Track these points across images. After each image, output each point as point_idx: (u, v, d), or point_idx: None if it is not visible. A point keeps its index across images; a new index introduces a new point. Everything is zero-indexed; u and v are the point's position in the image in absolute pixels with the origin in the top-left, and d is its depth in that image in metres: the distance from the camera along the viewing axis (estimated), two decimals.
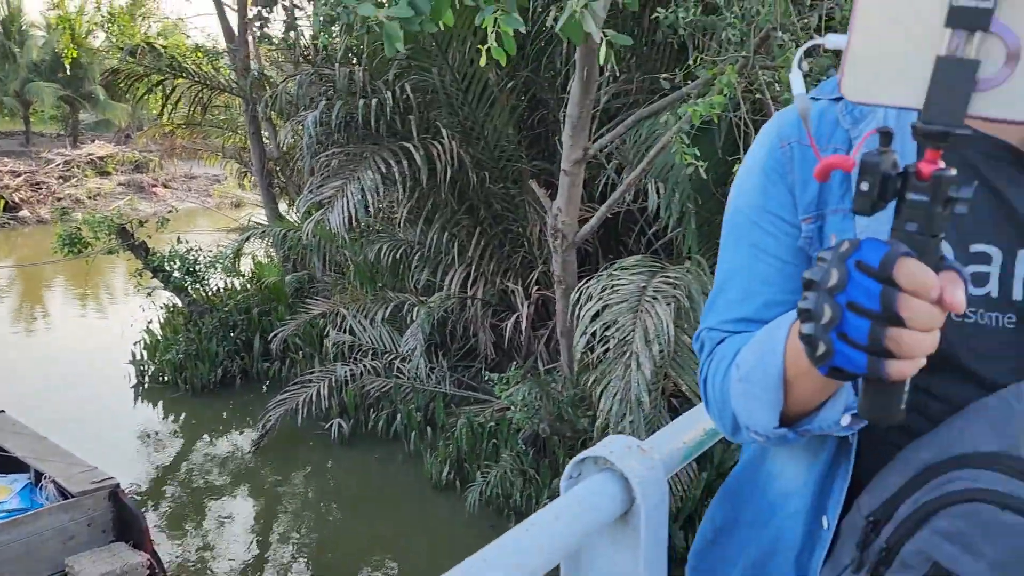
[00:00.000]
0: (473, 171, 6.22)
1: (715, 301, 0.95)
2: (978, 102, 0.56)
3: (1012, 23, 0.55)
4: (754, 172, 0.92)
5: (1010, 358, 0.80)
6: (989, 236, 0.81)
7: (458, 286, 6.66)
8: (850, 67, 0.60)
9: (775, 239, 0.89)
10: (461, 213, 6.63)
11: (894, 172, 0.59)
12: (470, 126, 6.29)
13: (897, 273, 0.57)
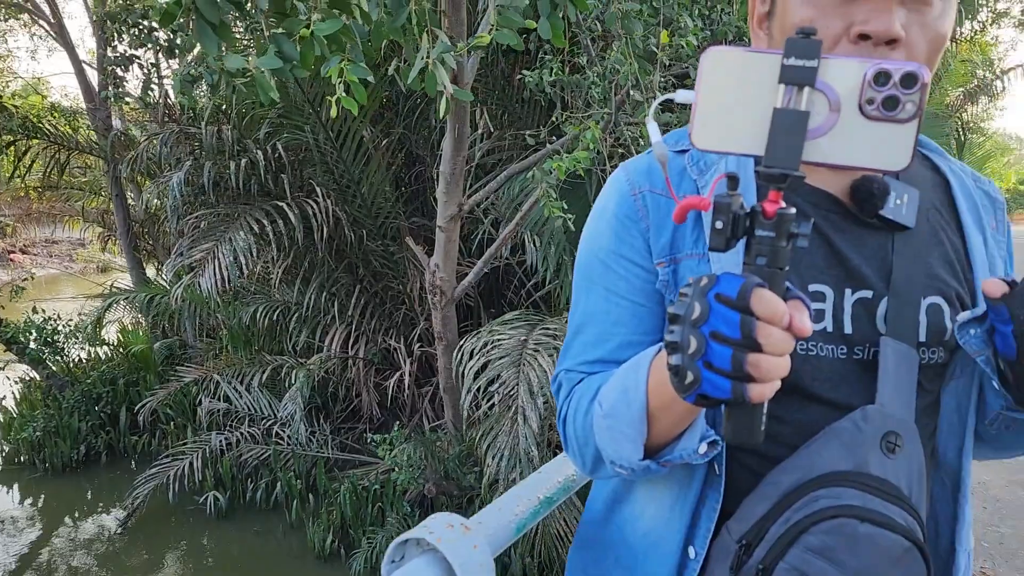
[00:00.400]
0: (351, 229, 6.14)
1: (571, 344, 0.98)
2: (809, 149, 0.64)
3: (832, 81, 0.64)
4: (606, 218, 0.96)
5: (848, 384, 0.89)
6: (823, 277, 0.90)
7: (339, 346, 6.50)
8: (699, 120, 0.66)
9: (627, 282, 0.93)
10: (340, 272, 6.51)
11: (743, 212, 0.65)
12: (346, 184, 6.23)
13: (753, 303, 0.63)
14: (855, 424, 0.85)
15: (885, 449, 0.85)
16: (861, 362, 0.88)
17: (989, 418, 0.96)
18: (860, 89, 0.63)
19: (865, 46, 0.81)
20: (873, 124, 0.63)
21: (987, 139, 23.09)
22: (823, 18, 0.83)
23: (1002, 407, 0.93)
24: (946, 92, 12.85)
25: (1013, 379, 0.87)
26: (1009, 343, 0.84)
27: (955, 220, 0.98)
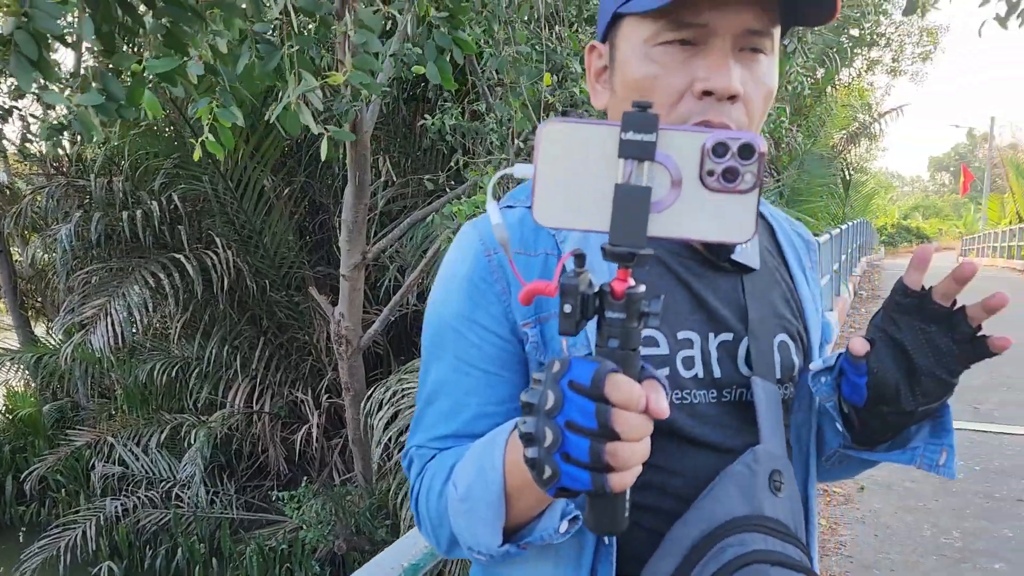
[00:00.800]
0: (253, 280, 5.98)
1: (422, 416, 0.93)
2: (655, 224, 0.63)
3: (672, 153, 0.63)
4: (457, 282, 0.91)
5: (724, 427, 0.89)
6: (689, 323, 0.91)
7: (243, 401, 6.28)
8: (539, 195, 0.64)
9: (480, 350, 0.89)
10: (243, 324, 6.32)
11: (591, 291, 0.63)
12: (248, 234, 6.08)
13: (608, 390, 0.60)
14: (747, 466, 0.86)
15: (773, 489, 0.87)
16: (730, 404, 0.90)
17: (826, 455, 1.02)
18: (700, 161, 0.63)
19: (708, 101, 0.84)
20: (715, 196, 0.63)
21: (871, 178, 24.46)
22: (666, 75, 0.84)
23: (840, 445, 0.97)
24: (831, 135, 13.57)
25: (858, 423, 0.91)
26: (860, 392, 0.87)
27: (782, 260, 1.03)
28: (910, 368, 0.86)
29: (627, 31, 0.88)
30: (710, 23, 0.83)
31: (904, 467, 3.96)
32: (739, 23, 0.84)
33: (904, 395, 0.86)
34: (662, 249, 0.91)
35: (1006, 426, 5.63)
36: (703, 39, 0.84)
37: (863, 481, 4.52)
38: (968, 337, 0.84)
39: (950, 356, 0.85)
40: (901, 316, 0.86)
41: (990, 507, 4.22)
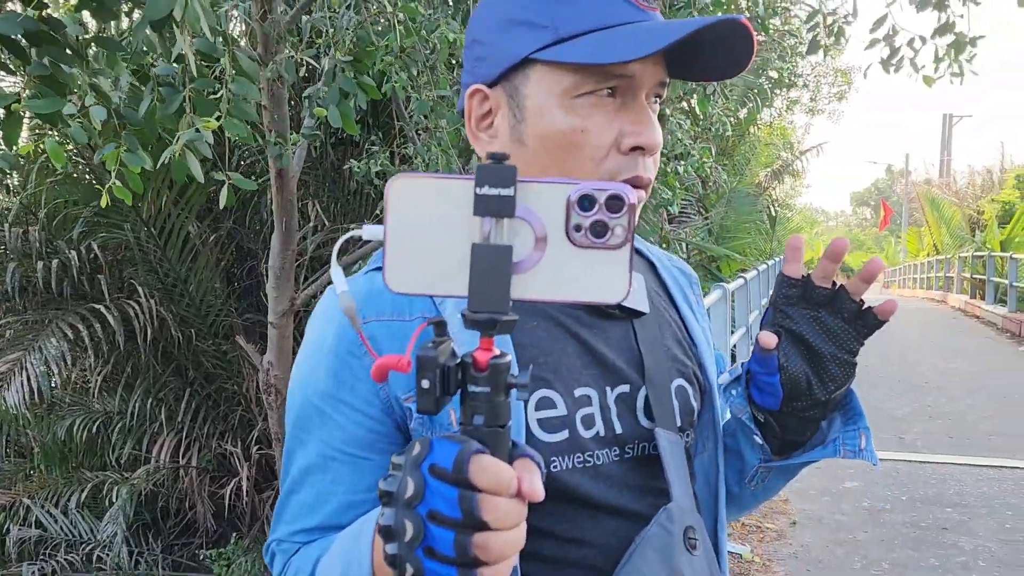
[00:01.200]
0: (178, 329, 5.81)
1: (285, 506, 0.85)
2: (519, 285, 0.58)
3: (535, 208, 0.58)
4: (322, 355, 0.84)
5: (631, 487, 0.86)
6: (585, 379, 0.86)
7: (168, 455, 6.05)
8: (391, 258, 0.58)
9: (346, 432, 0.82)
10: (168, 375, 6.12)
11: (453, 363, 0.57)
12: (172, 282, 5.92)
13: (472, 473, 0.54)
14: (663, 528, 0.83)
15: (688, 547, 0.84)
16: (634, 460, 0.87)
17: (748, 475, 1.00)
18: (565, 215, 0.58)
19: (634, 156, 0.82)
20: (584, 252, 0.58)
21: (797, 214, 25.23)
22: (594, 129, 0.81)
23: (760, 461, 0.97)
24: (756, 173, 13.99)
25: (778, 428, 0.92)
26: (775, 391, 0.88)
27: (669, 298, 1.01)
28: (813, 356, 0.88)
29: (540, 78, 0.83)
30: (636, 74, 0.82)
31: (834, 499, 4.02)
32: (657, 74, 0.84)
33: (815, 385, 0.88)
34: (549, 303, 0.86)
35: (930, 455, 5.79)
36: (625, 92, 0.83)
37: (795, 516, 4.57)
38: (856, 313, 0.87)
39: (845, 336, 0.87)
40: (791, 308, 0.89)
41: (917, 536, 4.31)
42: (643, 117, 0.82)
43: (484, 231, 0.56)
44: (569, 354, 0.86)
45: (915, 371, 8.96)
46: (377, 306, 0.83)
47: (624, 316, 0.91)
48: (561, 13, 0.81)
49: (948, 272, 18.66)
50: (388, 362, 0.59)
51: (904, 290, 25.50)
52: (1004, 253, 13.67)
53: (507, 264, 0.56)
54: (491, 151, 0.59)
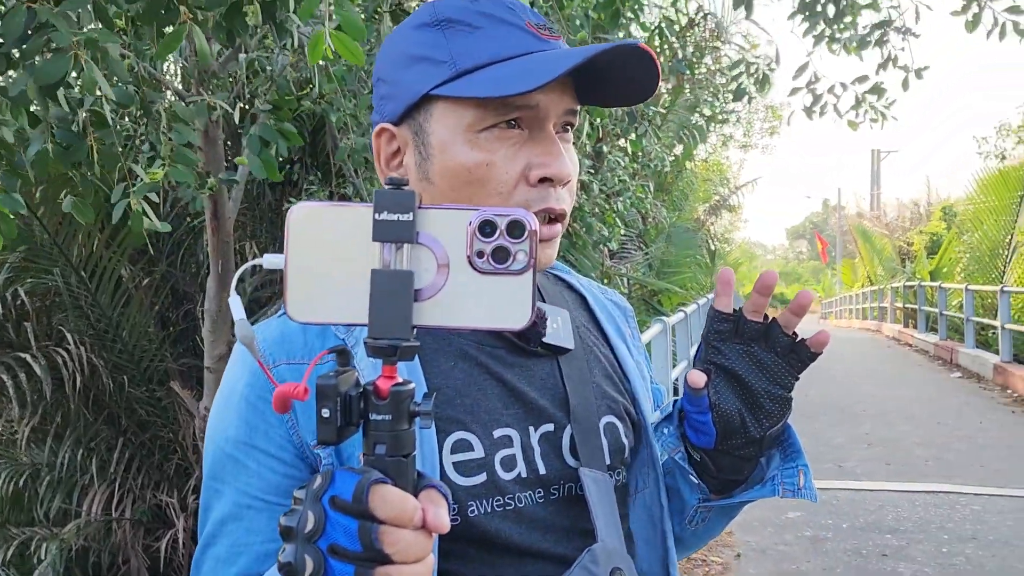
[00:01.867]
0: (109, 376, 5.62)
1: (201, 563, 0.82)
2: (421, 313, 0.58)
3: (436, 234, 0.58)
4: (234, 402, 0.82)
5: (556, 529, 0.84)
6: (505, 419, 0.84)
7: (100, 508, 5.82)
8: (292, 288, 0.58)
9: (262, 479, 0.79)
10: (99, 424, 5.91)
11: (356, 392, 0.57)
12: (103, 328, 5.75)
13: (373, 504, 0.53)
14: (586, 570, 0.81)
15: None
16: (559, 501, 0.85)
17: (688, 516, 0.97)
18: (467, 241, 0.58)
19: (544, 187, 0.81)
20: (486, 279, 0.58)
21: (736, 248, 25.79)
22: (501, 163, 0.80)
23: (699, 501, 0.94)
24: (694, 208, 14.29)
25: (714, 467, 0.89)
26: (708, 430, 0.86)
27: (601, 333, 1.00)
28: (747, 393, 0.85)
29: (443, 115, 0.82)
30: (540, 104, 0.80)
31: (777, 530, 4.05)
32: (563, 103, 0.82)
33: (749, 422, 0.86)
34: (466, 340, 0.86)
35: (868, 482, 5.91)
36: (531, 123, 0.81)
37: (739, 548, 4.60)
38: (789, 346, 0.85)
39: (779, 370, 0.85)
40: (723, 343, 0.86)
41: (858, 564, 4.37)
42: (550, 148, 0.81)
43: (384, 257, 0.56)
44: (488, 395, 0.84)
45: (852, 400, 9.16)
46: (288, 349, 0.82)
47: (549, 354, 0.89)
48: (459, 47, 0.81)
49: (882, 302, 19.22)
50: (286, 390, 0.58)
51: (841, 321, 26.17)
52: (933, 283, 14.15)
53: (408, 289, 0.56)
54: (391, 176, 0.58)
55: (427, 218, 0.58)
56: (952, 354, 12.07)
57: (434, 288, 0.58)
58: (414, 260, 0.57)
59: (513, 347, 0.88)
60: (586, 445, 0.86)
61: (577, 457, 0.86)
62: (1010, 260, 12.90)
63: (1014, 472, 6.03)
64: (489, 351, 0.87)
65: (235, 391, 0.82)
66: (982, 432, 7.36)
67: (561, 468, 0.86)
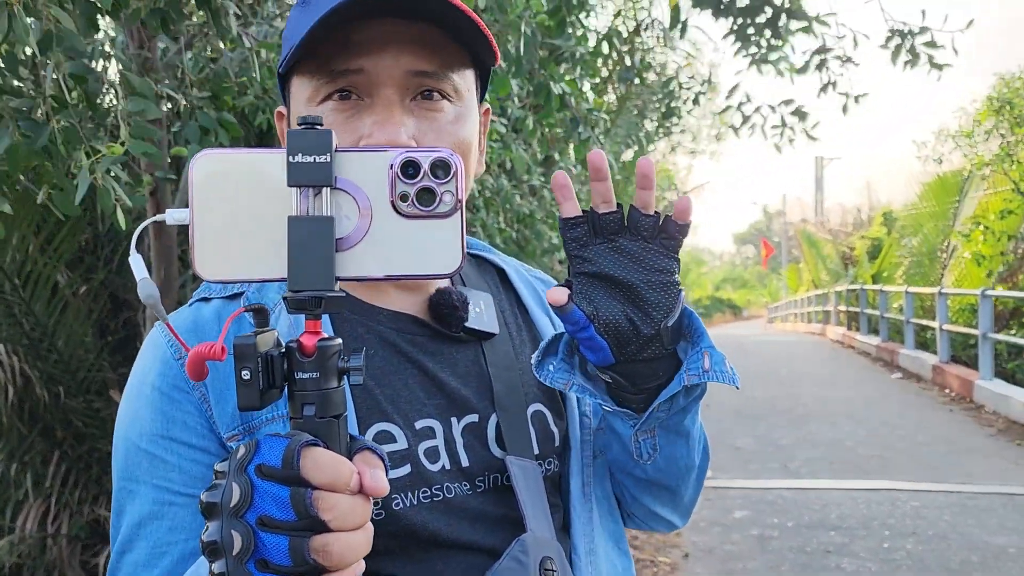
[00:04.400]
0: (44, 387, 5.44)
1: (117, 570, 0.78)
2: (344, 264, 0.54)
3: (355, 178, 0.54)
4: (146, 393, 0.78)
5: (484, 521, 0.81)
6: (427, 410, 0.82)
7: (35, 524, 5.62)
8: (200, 244, 0.54)
9: (182, 472, 0.75)
10: (33, 437, 5.71)
11: (278, 352, 0.53)
12: (38, 337, 5.56)
13: (305, 468, 0.50)
14: (516, 560, 0.79)
15: None
16: (487, 492, 0.83)
17: (636, 453, 0.86)
18: (390, 184, 0.54)
19: None
20: (412, 223, 0.55)
21: (684, 253, 26.14)
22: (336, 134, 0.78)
23: (634, 427, 0.83)
24: None
25: (628, 382, 0.79)
26: (599, 345, 0.77)
27: (526, 313, 0.96)
28: (626, 291, 0.76)
29: (295, 91, 0.81)
30: (366, 68, 0.76)
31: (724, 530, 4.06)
32: (399, 66, 0.76)
33: (638, 320, 0.77)
34: (386, 326, 0.83)
35: (812, 480, 6.01)
36: (367, 90, 0.77)
37: (687, 548, 4.63)
38: (654, 227, 0.77)
39: (651, 255, 0.77)
40: (584, 249, 0.78)
41: (803, 561, 4.44)
42: (381, 116, 0.76)
43: (300, 204, 0.52)
44: (410, 384, 0.82)
45: (798, 401, 9.32)
46: (201, 337, 0.79)
47: (472, 339, 0.87)
48: (296, 22, 0.78)
49: (826, 306, 19.64)
50: (201, 351, 0.53)
51: (786, 324, 26.68)
52: (875, 286, 14.51)
53: (329, 236, 0.52)
54: (302, 115, 0.54)
55: (344, 161, 0.54)
56: (893, 355, 12.39)
57: (356, 236, 0.54)
58: (334, 207, 0.54)
59: (435, 333, 0.86)
60: (513, 434, 0.84)
61: (504, 447, 0.84)
62: (946, 263, 13.30)
63: (951, 468, 6.19)
64: (410, 337, 0.84)
65: (146, 382, 0.79)
66: (921, 430, 7.55)
67: (487, 459, 0.84)
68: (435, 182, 0.55)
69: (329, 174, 0.52)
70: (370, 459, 0.54)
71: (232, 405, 0.76)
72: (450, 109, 0.80)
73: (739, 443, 7.22)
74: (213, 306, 0.82)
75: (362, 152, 0.55)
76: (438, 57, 0.78)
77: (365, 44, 0.75)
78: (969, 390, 8.93)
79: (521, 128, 4.35)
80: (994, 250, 11.04)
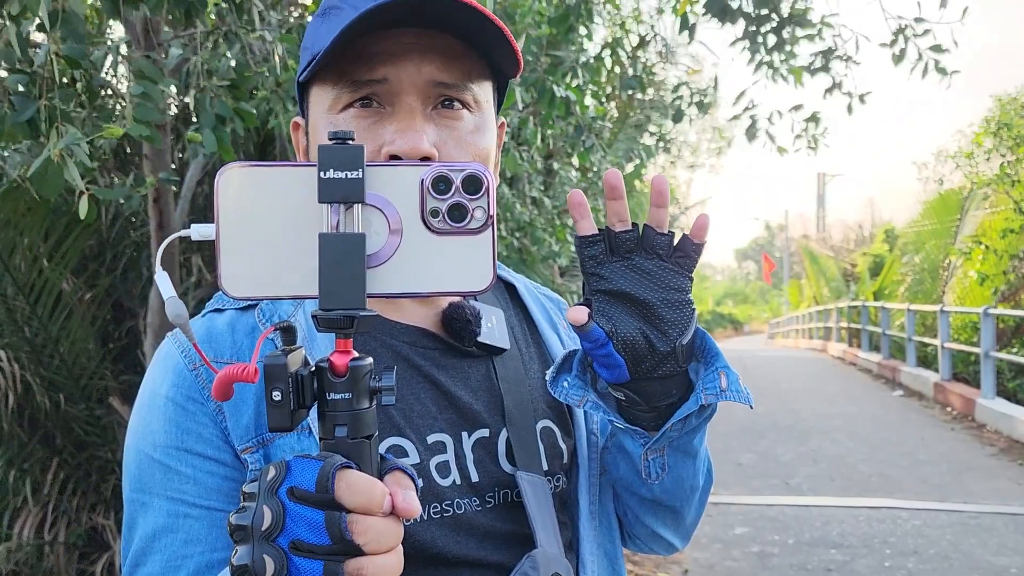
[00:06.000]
0: (45, 394, 5.44)
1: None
2: (375, 280, 0.53)
3: (386, 194, 0.54)
4: (158, 406, 0.77)
5: (493, 538, 0.81)
6: (439, 425, 0.81)
7: (33, 531, 5.61)
8: (226, 259, 0.53)
9: (197, 484, 0.74)
10: (33, 444, 5.70)
11: (307, 371, 0.52)
12: (41, 343, 5.56)
13: (339, 492, 0.49)
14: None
15: None
16: (497, 508, 0.82)
17: (645, 472, 0.87)
18: (420, 200, 0.54)
19: None
20: (443, 239, 0.54)
21: None
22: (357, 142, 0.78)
23: (644, 446, 0.83)
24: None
25: (641, 399, 0.80)
26: (617, 362, 0.77)
27: (536, 331, 0.96)
28: (643, 308, 0.77)
29: (314, 100, 0.81)
30: (388, 78, 0.76)
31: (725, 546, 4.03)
32: (422, 75, 0.76)
33: (654, 338, 0.77)
34: (399, 340, 0.82)
35: (814, 497, 5.98)
36: (389, 99, 0.77)
37: (687, 565, 4.61)
38: (669, 246, 0.77)
39: (666, 274, 0.77)
40: (600, 267, 0.78)
41: None
42: (403, 124, 0.76)
43: (331, 220, 0.52)
44: (422, 398, 0.82)
45: (799, 418, 9.30)
46: (215, 349, 0.78)
47: (483, 354, 0.87)
48: (317, 32, 0.79)
49: (827, 322, 19.61)
50: (231, 372, 0.52)
51: (788, 340, 26.63)
52: (877, 303, 14.50)
53: (361, 254, 0.51)
54: (333, 131, 0.53)
55: (374, 176, 0.53)
56: (895, 373, 12.35)
57: (387, 253, 0.54)
58: (364, 223, 0.53)
59: (447, 348, 0.86)
60: (523, 449, 0.84)
61: (514, 462, 0.83)
62: (948, 281, 13.29)
63: (953, 487, 6.16)
64: (423, 351, 0.84)
65: (158, 394, 0.78)
66: (923, 448, 7.52)
67: (497, 475, 0.83)
68: (466, 198, 0.54)
69: (361, 190, 0.52)
70: (401, 480, 0.53)
71: (247, 417, 0.76)
72: (470, 119, 0.80)
73: (741, 459, 7.19)
74: (226, 317, 0.81)
75: (393, 167, 0.55)
76: (459, 68, 0.78)
77: (388, 54, 0.76)
78: (971, 408, 8.90)
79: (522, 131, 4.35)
80: (996, 269, 11.04)
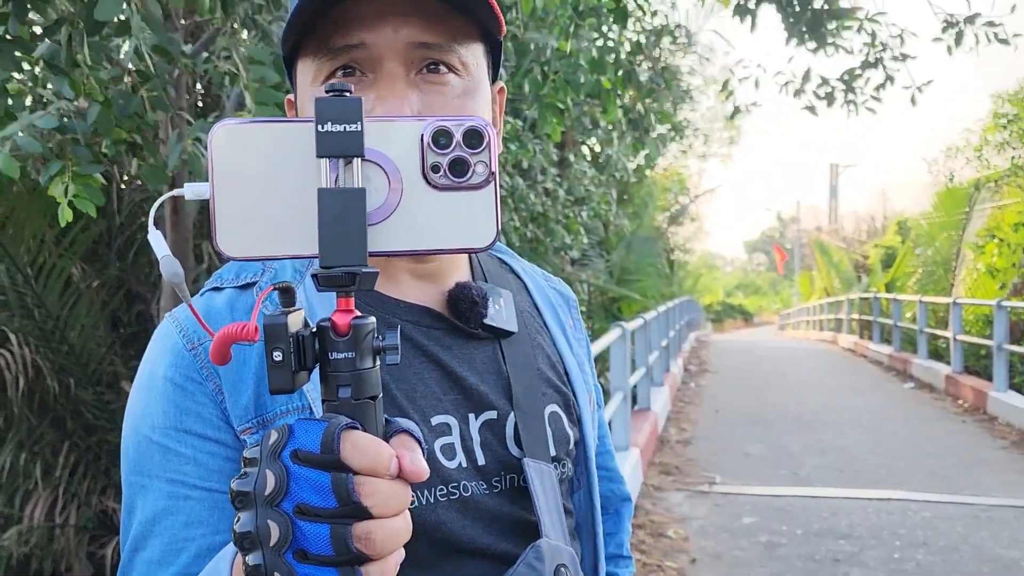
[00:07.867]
0: (55, 378, 5.47)
1: (130, 569, 0.74)
2: (376, 238, 0.52)
3: (385, 149, 0.52)
4: (157, 385, 0.75)
5: (499, 523, 0.79)
6: (443, 406, 0.79)
7: (44, 514, 5.65)
8: (221, 220, 0.51)
9: (198, 465, 0.72)
10: (44, 427, 5.74)
11: (308, 331, 0.51)
12: (50, 329, 5.59)
13: (345, 453, 0.47)
14: (531, 567, 0.76)
15: None
16: (502, 493, 0.80)
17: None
18: (420, 154, 0.52)
19: None
20: (444, 195, 0.53)
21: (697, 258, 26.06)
22: None
23: None
24: (654, 217, 14.39)
25: None
26: None
27: (541, 320, 0.94)
28: None
29: (300, 74, 0.78)
30: (366, 42, 0.73)
31: (732, 536, 4.03)
32: (401, 38, 0.73)
33: None
34: (403, 320, 0.80)
35: (822, 488, 5.96)
36: (370, 65, 0.74)
37: (694, 554, 4.60)
38: None
39: None
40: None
41: (812, 569, 4.40)
42: (384, 90, 0.74)
43: (330, 175, 0.50)
44: (426, 379, 0.80)
45: (808, 409, 9.26)
46: (215, 328, 0.76)
47: (490, 336, 0.85)
48: (295, 2, 0.75)
49: (838, 314, 19.52)
50: (230, 332, 0.50)
51: (798, 332, 26.53)
52: (888, 295, 14.41)
53: (361, 209, 0.50)
54: (331, 83, 0.51)
55: (372, 132, 0.52)
56: (906, 365, 12.28)
57: (387, 210, 0.52)
58: (363, 179, 0.51)
59: (453, 328, 0.83)
60: (530, 434, 0.81)
61: (521, 447, 0.81)
62: (958, 273, 13.19)
63: (963, 480, 6.13)
64: (426, 331, 0.81)
65: (156, 374, 0.76)
66: (933, 441, 7.48)
67: (504, 458, 0.81)
68: (468, 152, 0.53)
69: (360, 143, 0.50)
70: (408, 442, 0.52)
71: (246, 397, 0.74)
72: (457, 83, 0.77)
73: (749, 449, 7.17)
74: (225, 295, 0.79)
75: (391, 121, 0.53)
76: (441, 28, 0.75)
77: (364, 18, 0.73)
78: (983, 401, 8.84)
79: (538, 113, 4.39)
80: (1008, 262, 10.95)
